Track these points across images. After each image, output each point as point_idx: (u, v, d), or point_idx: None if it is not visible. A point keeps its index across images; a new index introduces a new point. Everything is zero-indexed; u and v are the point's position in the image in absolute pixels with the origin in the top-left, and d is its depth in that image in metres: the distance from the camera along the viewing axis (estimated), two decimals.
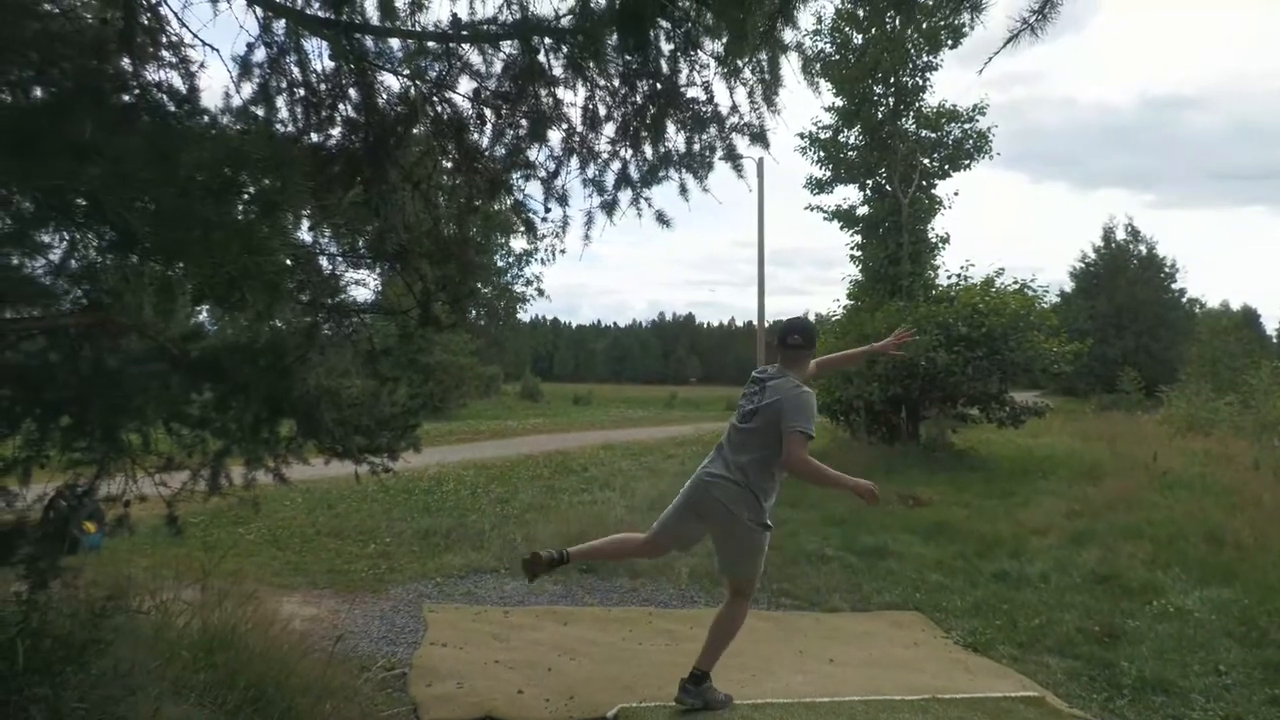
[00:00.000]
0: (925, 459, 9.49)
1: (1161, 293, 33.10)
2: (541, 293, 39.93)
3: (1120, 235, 35.05)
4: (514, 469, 9.84)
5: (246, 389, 2.07)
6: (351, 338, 2.50)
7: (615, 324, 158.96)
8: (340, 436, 2.31)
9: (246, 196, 1.81)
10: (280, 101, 2.51)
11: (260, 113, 2.48)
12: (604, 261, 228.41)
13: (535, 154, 2.72)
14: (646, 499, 7.07)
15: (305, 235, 2.46)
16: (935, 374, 9.63)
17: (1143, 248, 34.70)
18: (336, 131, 2.58)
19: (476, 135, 2.67)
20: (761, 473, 2.87)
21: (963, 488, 7.78)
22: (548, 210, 2.84)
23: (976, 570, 4.81)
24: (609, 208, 2.86)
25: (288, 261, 2.18)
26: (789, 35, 2.60)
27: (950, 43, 11.50)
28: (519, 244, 38.22)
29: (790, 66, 2.64)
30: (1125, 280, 32.79)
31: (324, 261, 2.50)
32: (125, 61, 1.94)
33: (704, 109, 2.73)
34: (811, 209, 13.25)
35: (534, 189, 2.87)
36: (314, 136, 2.56)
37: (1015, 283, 10.84)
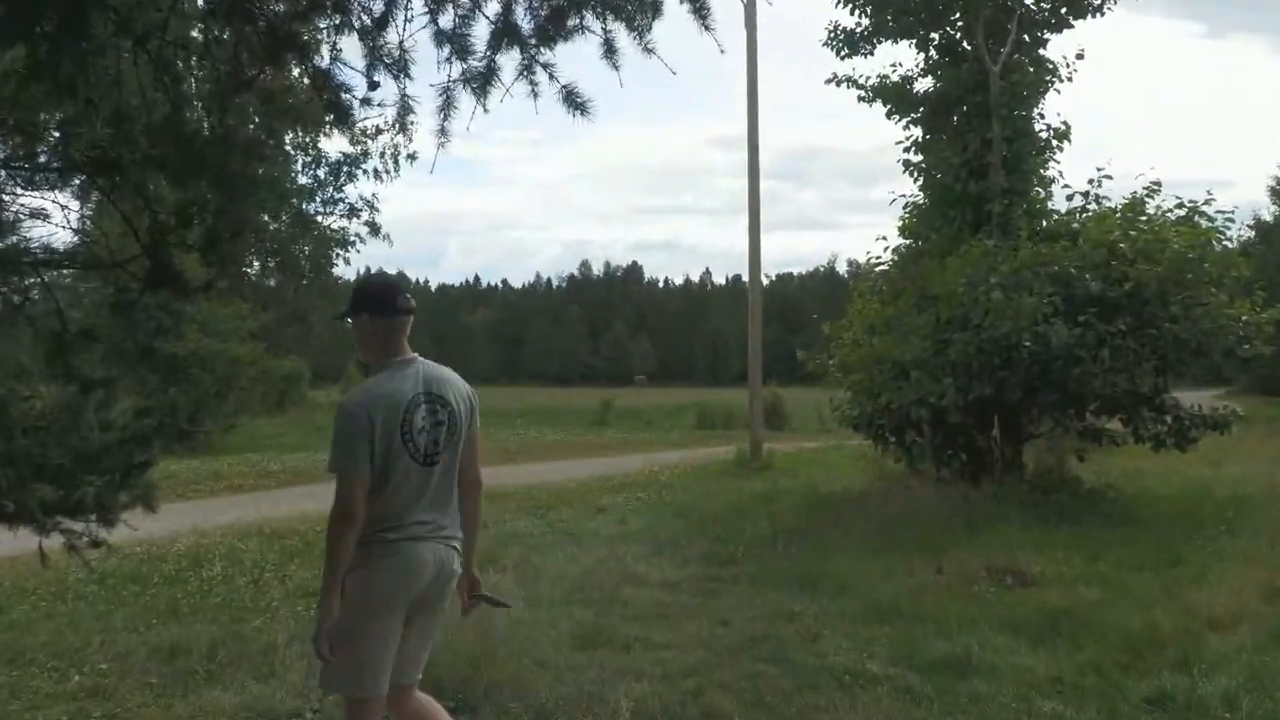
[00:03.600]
0: (1033, 505, 9.80)
1: None
2: (376, 230, 39.53)
3: None
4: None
5: None
6: (25, 310, 2.33)
7: (506, 283, 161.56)
8: (9, 486, 2.12)
9: None
10: None
11: None
12: (485, 178, 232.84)
13: None
14: (561, 584, 7.41)
15: None
16: (1048, 361, 9.89)
17: None
18: None
19: None
20: None
21: (1095, 553, 8.02)
22: (374, 86, 2.75)
23: (1119, 693, 4.88)
24: (480, 82, 2.74)
25: None
26: None
27: None
28: (332, 146, 38.16)
29: None
30: None
31: None
32: None
33: None
34: (838, 82, 13.31)
35: (350, 48, 2.75)
36: None
37: (1181, 206, 11.15)
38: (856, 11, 12.79)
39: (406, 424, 3.18)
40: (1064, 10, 12.35)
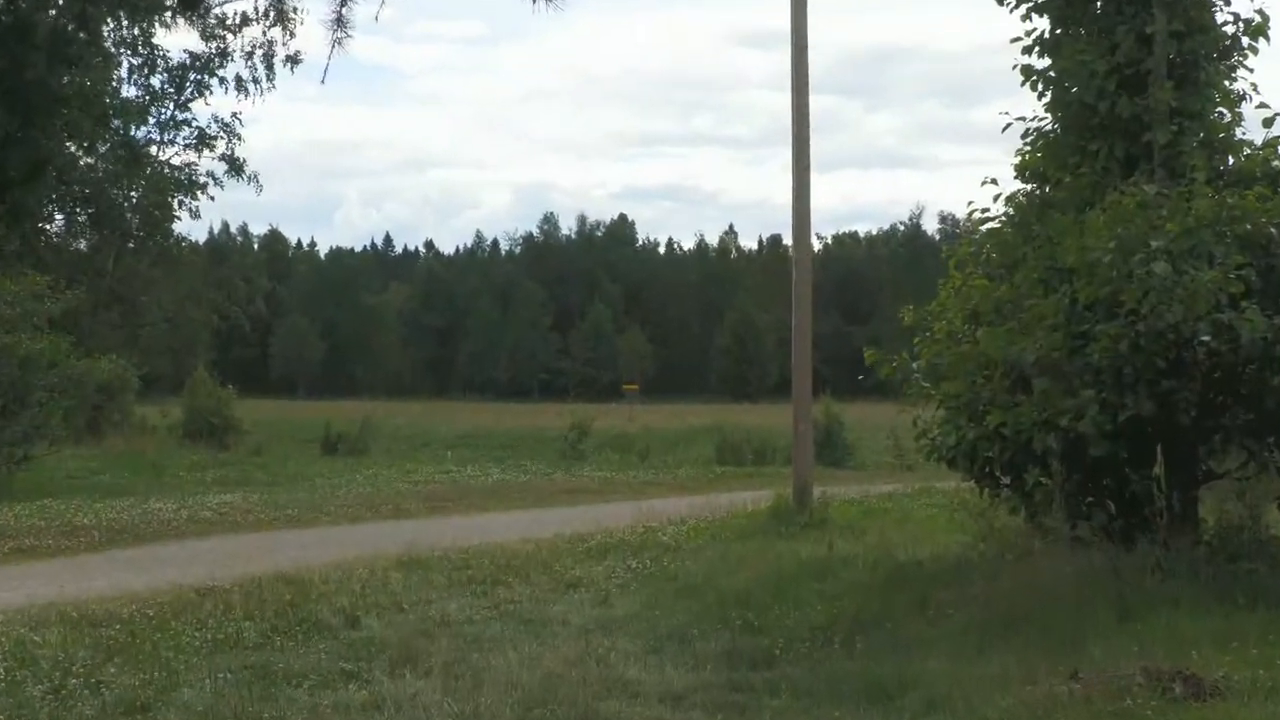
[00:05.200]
0: (1213, 578, 9.79)
1: None
2: (237, 168, 39.18)
3: None
4: (169, 620, 10.29)
5: None
6: None
7: (431, 247, 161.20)
8: None
9: None
10: None
11: None
12: (401, 94, 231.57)
13: None
14: (512, 697, 7.46)
15: None
16: (1237, 365, 9.89)
17: None
18: None
19: None
20: None
21: None
22: None
23: None
24: None
25: None
26: None
27: None
28: (174, 42, 37.86)
29: None
30: None
31: None
32: None
33: None
34: None
35: None
36: None
37: None
38: None
39: None
40: None
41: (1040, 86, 12.86)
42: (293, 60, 35.04)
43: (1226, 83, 12.40)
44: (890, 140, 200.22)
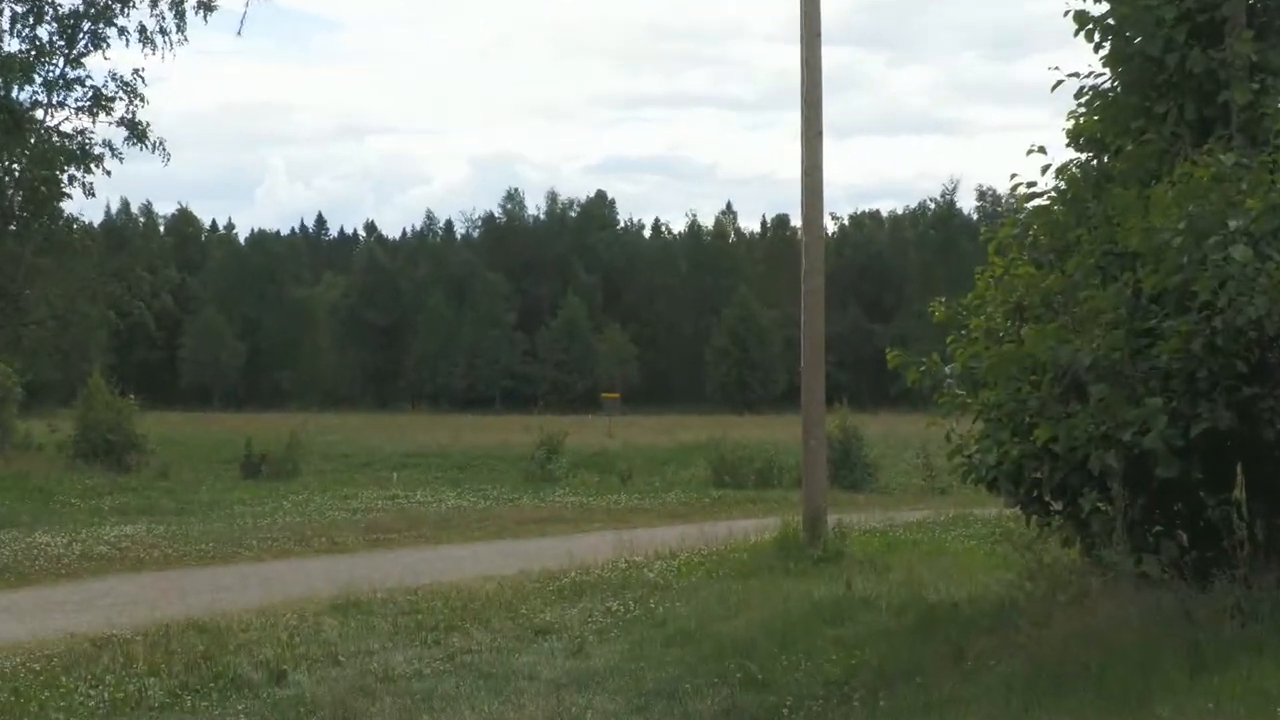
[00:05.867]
0: None
1: None
2: (139, 135, 38.97)
3: None
4: (59, 676, 10.28)
5: None
6: None
7: (373, 230, 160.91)
8: None
9: None
10: None
11: None
12: (334, 49, 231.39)
13: None
14: None
15: None
16: None
17: None
18: None
19: None
20: None
21: None
22: None
23: None
24: None
25: None
26: None
27: None
28: None
29: None
30: None
31: None
32: None
33: None
34: None
35: None
36: None
37: None
38: None
39: None
40: None
41: (1097, 36, 12.85)
42: (206, 7, 34.91)
43: None
44: (919, 101, 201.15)
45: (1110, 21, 12.71)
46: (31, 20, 35.98)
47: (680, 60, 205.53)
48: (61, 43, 36.69)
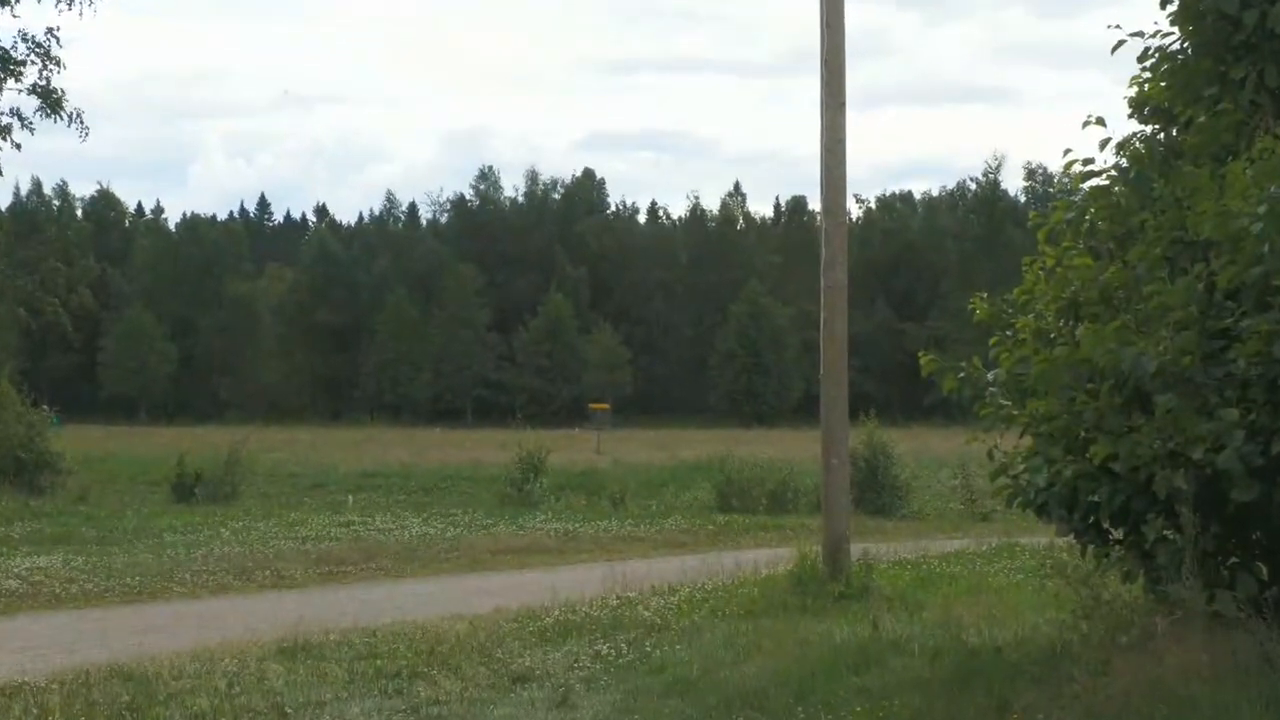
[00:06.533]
0: None
1: None
2: (54, 105, 39.04)
3: None
4: None
5: None
6: None
7: (325, 214, 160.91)
8: None
9: None
10: None
11: None
12: (278, 6, 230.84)
13: None
14: None
15: None
16: None
17: None
18: None
19: None
20: None
21: None
22: None
23: None
24: None
25: None
26: None
27: None
28: None
29: None
30: None
31: None
32: None
33: None
34: None
35: None
36: None
37: None
38: None
39: None
40: None
41: None
42: None
43: None
44: (958, 65, 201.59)
45: None
46: None
47: (677, 19, 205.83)
48: None
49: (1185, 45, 12.78)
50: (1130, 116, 13.07)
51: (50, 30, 38.35)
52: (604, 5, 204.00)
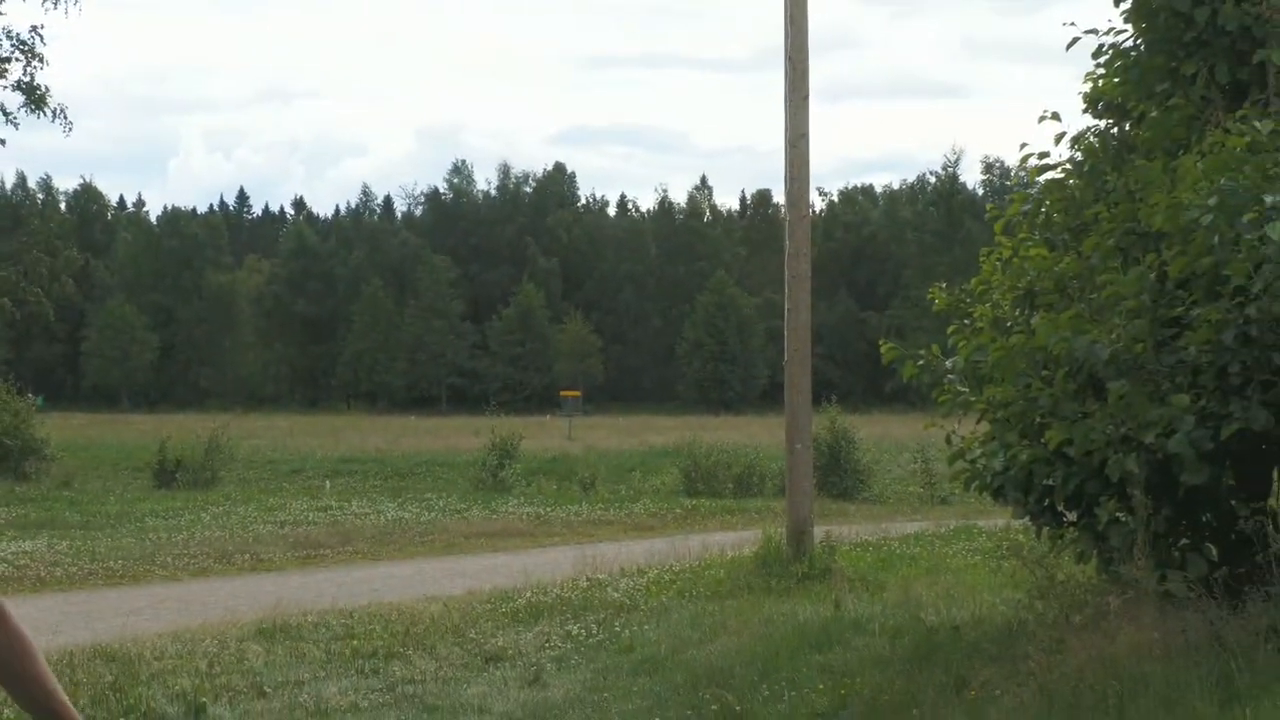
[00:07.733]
0: None
1: None
2: (37, 101, 38.91)
3: None
4: None
5: None
6: None
7: (302, 207, 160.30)
8: None
9: None
10: None
11: None
12: (258, 2, 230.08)
13: None
14: None
15: None
16: None
17: None
18: None
19: None
20: None
21: None
22: None
23: None
24: None
25: None
26: None
27: None
28: None
29: None
30: None
31: None
32: None
33: None
34: None
35: None
36: None
37: None
38: None
39: None
40: None
41: None
42: None
43: None
44: (921, 61, 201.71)
45: None
46: None
47: (649, 15, 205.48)
48: None
49: (1138, 42, 12.80)
50: (1085, 111, 13.09)
51: (35, 28, 38.20)
52: (578, 2, 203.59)
